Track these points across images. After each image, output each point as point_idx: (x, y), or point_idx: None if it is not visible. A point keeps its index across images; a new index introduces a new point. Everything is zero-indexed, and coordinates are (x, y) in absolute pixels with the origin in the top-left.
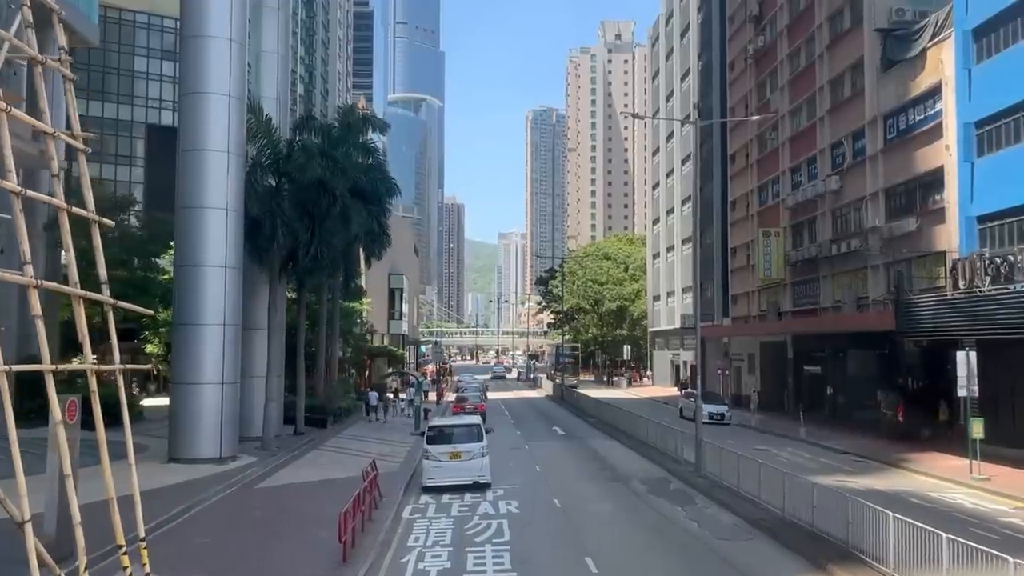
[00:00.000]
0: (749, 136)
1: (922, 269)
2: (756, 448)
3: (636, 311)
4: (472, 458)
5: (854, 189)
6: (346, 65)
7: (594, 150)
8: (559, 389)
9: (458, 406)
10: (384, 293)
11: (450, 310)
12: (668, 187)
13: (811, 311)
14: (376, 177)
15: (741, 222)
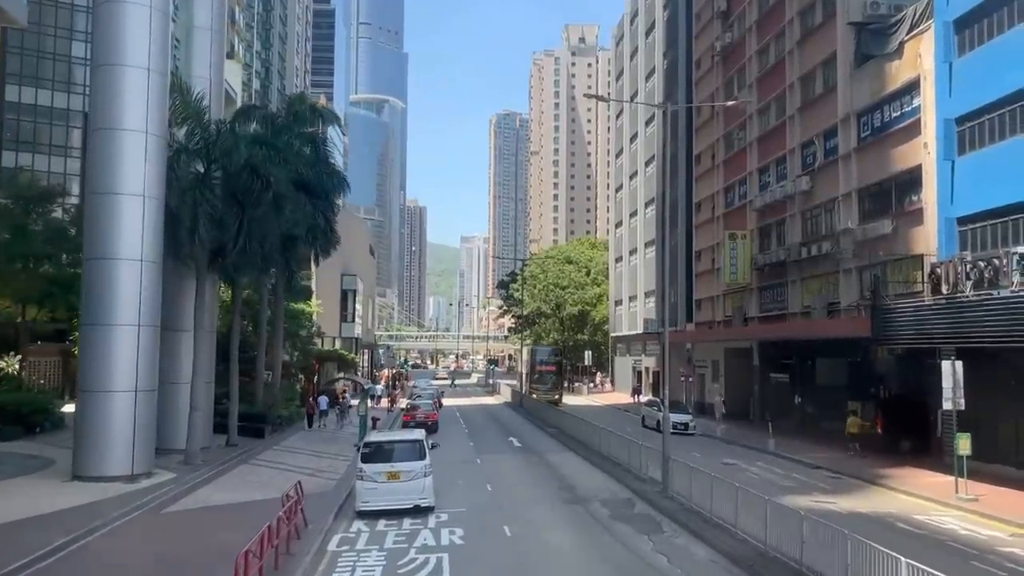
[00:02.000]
0: (715, 136)
1: (898, 273)
2: (724, 462)
3: (598, 316)
4: (413, 478)
5: (825, 190)
6: (304, 62)
7: (557, 153)
8: (518, 396)
9: (408, 415)
10: (336, 294)
11: (411, 314)
12: (632, 189)
13: (779, 317)
14: (323, 170)
15: (706, 225)
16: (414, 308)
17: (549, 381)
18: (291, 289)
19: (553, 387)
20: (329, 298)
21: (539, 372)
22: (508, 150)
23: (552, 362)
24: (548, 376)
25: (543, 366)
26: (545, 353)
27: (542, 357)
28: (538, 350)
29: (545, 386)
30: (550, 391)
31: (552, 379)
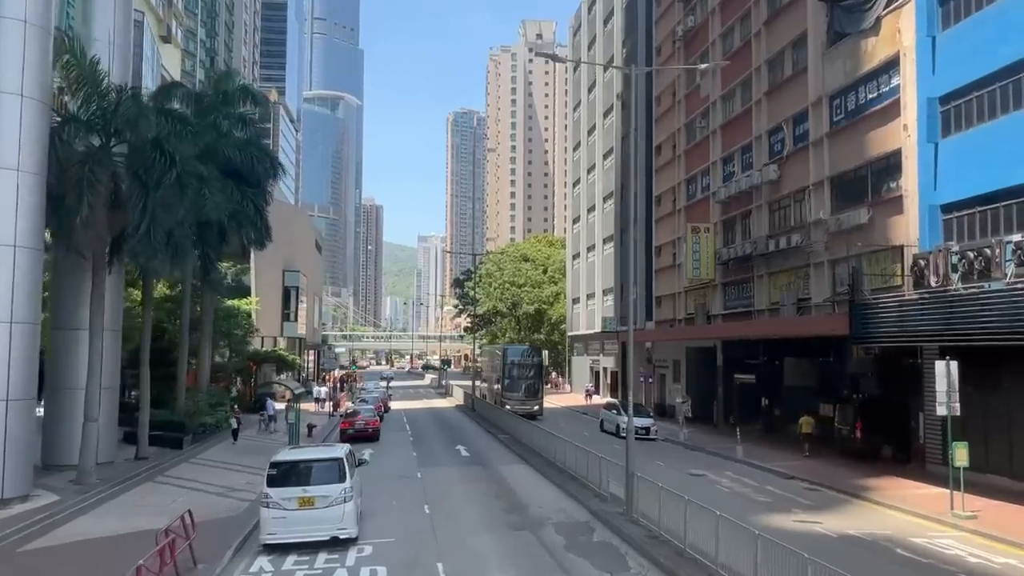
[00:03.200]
0: (677, 125)
1: (875, 266)
2: (691, 473)
3: (555, 315)
4: (330, 504)
5: (795, 179)
6: (253, 53)
7: (514, 150)
8: (470, 399)
9: (346, 422)
10: (277, 291)
11: (367, 314)
12: (589, 183)
13: (744, 314)
14: (254, 154)
15: (667, 219)
16: (370, 308)
17: (526, 388)
18: (209, 283)
19: (531, 395)
20: (270, 295)
21: (512, 377)
22: (465, 148)
23: (530, 364)
24: (525, 382)
25: (518, 369)
26: (519, 353)
27: (515, 358)
28: (510, 349)
29: (519, 395)
30: (527, 401)
31: (530, 386)
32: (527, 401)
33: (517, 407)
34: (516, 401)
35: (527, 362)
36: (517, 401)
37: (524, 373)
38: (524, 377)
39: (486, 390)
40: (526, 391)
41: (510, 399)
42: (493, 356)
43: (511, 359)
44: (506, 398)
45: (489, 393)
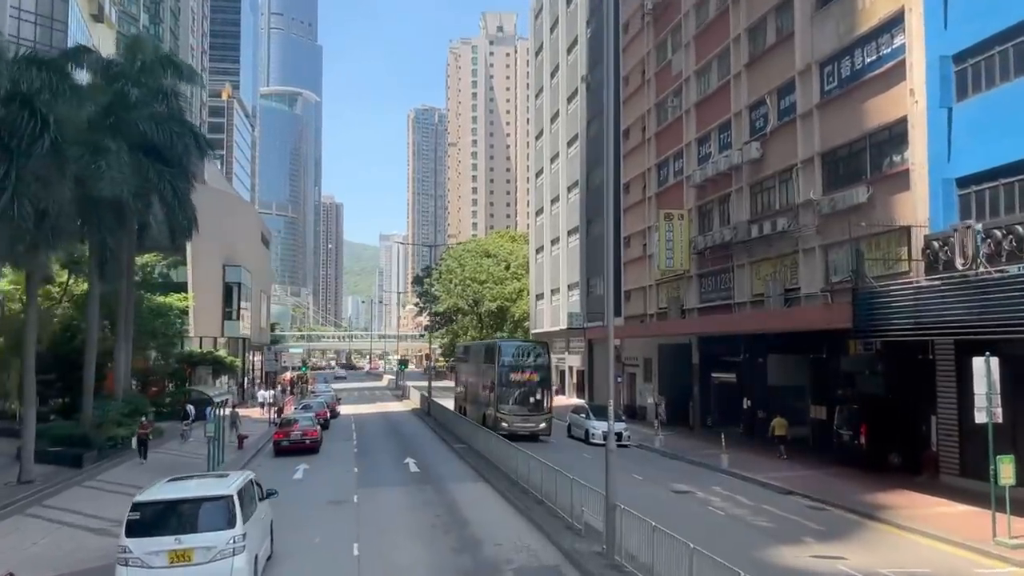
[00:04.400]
0: (647, 106)
1: (875, 250)
2: (675, 489)
3: (518, 312)
4: (214, 559)
5: (780, 157)
6: (202, 41)
7: (475, 145)
8: (426, 402)
9: (281, 432)
10: (217, 288)
11: (328, 314)
12: (553, 173)
13: (723, 307)
14: (173, 129)
15: (636, 207)
16: (331, 308)
17: (528, 399)
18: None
19: (536, 409)
20: (209, 292)
21: (508, 383)
22: (427, 146)
23: (533, 365)
24: (527, 390)
25: (517, 372)
26: (518, 350)
27: (513, 357)
28: (505, 345)
29: (520, 409)
30: (531, 416)
31: (534, 396)
32: (531, 416)
33: (517, 425)
34: (515, 417)
35: (529, 362)
36: (517, 417)
37: (525, 378)
38: (525, 383)
39: (465, 401)
40: (529, 403)
41: (507, 414)
42: (477, 356)
43: (506, 359)
44: (501, 413)
45: (471, 405)
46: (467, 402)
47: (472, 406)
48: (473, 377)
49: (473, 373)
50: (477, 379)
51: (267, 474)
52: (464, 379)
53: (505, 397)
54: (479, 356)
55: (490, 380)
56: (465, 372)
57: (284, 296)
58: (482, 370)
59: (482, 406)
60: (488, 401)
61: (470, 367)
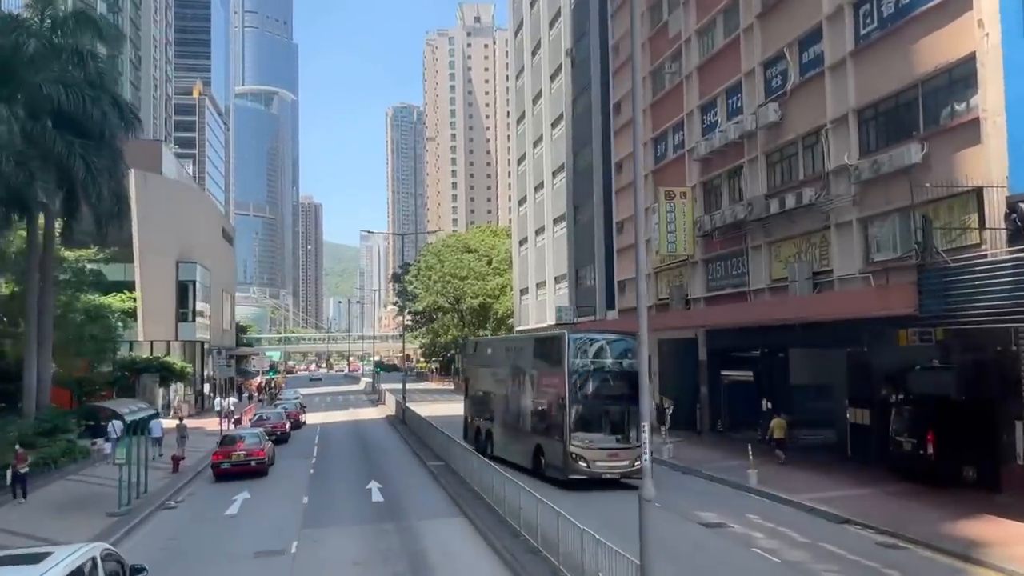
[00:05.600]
0: (641, 75)
1: (934, 219)
2: (704, 521)
3: (501, 309)
4: None
5: (804, 118)
6: (165, 32)
7: (454, 139)
8: (400, 409)
9: (220, 453)
10: (170, 287)
11: (308, 315)
12: (536, 158)
13: (736, 296)
14: (86, 94)
15: (630, 188)
16: (311, 310)
17: (619, 426)
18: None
19: (626, 440)
20: (159, 291)
21: (589, 400)
22: (406, 144)
23: (623, 373)
24: (616, 412)
25: (603, 384)
26: (600, 349)
27: (589, 361)
28: (577, 341)
29: (609, 441)
30: (620, 452)
31: (626, 420)
32: (620, 452)
33: (601, 465)
34: (599, 452)
35: (616, 366)
36: (601, 452)
37: (613, 391)
38: (613, 399)
39: (489, 425)
40: (619, 431)
41: (585, 448)
42: (519, 358)
43: (582, 361)
44: (576, 447)
45: (504, 433)
46: (495, 427)
47: (506, 435)
48: (506, 389)
49: (508, 384)
50: (518, 393)
51: (196, 506)
52: (485, 392)
53: (583, 422)
54: (523, 357)
55: (553, 395)
56: (489, 382)
57: (263, 298)
58: (532, 379)
59: (530, 435)
60: (546, 427)
61: (500, 375)
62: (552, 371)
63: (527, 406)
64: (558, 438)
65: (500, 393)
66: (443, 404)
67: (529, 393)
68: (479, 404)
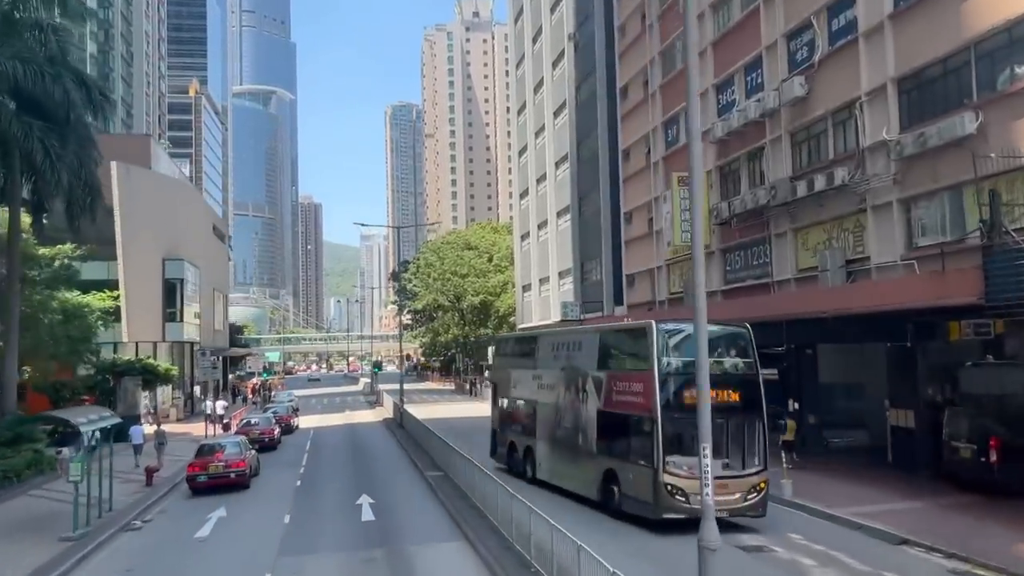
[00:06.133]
0: (649, 56)
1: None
2: (741, 542)
3: (503, 307)
4: None
5: (834, 91)
6: (158, 27)
7: (453, 135)
8: (398, 411)
9: (196, 465)
10: (156, 285)
11: (308, 316)
12: (538, 148)
13: (757, 288)
14: (45, 70)
15: (639, 176)
16: (312, 310)
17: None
18: None
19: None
20: (145, 290)
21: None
22: (405, 143)
23: (737, 376)
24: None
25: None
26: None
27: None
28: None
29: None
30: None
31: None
32: (730, 482)
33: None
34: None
35: (727, 365)
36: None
37: (723, 399)
38: (722, 411)
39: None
40: (733, 451)
41: (685, 479)
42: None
43: (678, 361)
44: (674, 474)
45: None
46: (540, 444)
47: (558, 455)
48: (557, 396)
49: (560, 389)
50: (575, 401)
51: (164, 527)
52: (524, 400)
53: (680, 441)
54: (585, 355)
55: (635, 404)
56: (529, 387)
57: (262, 298)
58: (599, 384)
59: (596, 458)
60: (624, 448)
61: (548, 378)
62: (632, 373)
63: (590, 418)
64: (643, 463)
65: (548, 401)
66: (444, 406)
67: (594, 401)
68: (515, 414)
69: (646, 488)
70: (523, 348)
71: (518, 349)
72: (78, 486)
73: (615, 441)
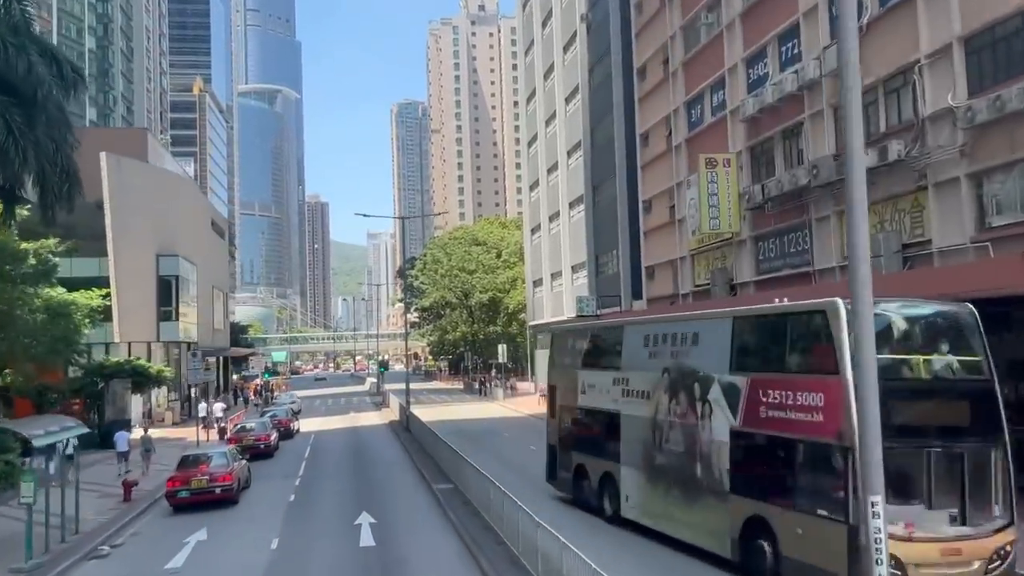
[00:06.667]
0: (669, 32)
1: None
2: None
3: (512, 303)
4: None
5: (887, 56)
6: (159, 23)
7: (460, 131)
8: (404, 414)
9: (176, 479)
10: (149, 283)
11: (316, 315)
12: (549, 137)
13: (796, 277)
14: (8, 42)
15: (658, 161)
16: (320, 310)
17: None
18: None
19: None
20: (137, 288)
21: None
22: (411, 140)
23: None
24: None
25: (923, 406)
26: (909, 337)
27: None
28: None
29: (940, 522)
30: (963, 545)
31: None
32: (963, 545)
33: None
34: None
35: (954, 374)
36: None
37: (947, 417)
38: (947, 433)
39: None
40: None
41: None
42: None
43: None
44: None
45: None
46: (630, 472)
47: (661, 490)
48: (658, 408)
49: (663, 398)
50: (692, 415)
51: (134, 554)
52: (601, 412)
53: (891, 480)
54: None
55: (806, 423)
56: (609, 393)
57: (269, 298)
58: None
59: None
60: (785, 486)
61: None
62: (802, 378)
63: (717, 441)
64: (826, 513)
65: (639, 413)
66: (452, 407)
67: (723, 417)
68: (586, 429)
69: (832, 552)
70: (599, 342)
71: (591, 343)
72: (31, 508)
73: (767, 477)
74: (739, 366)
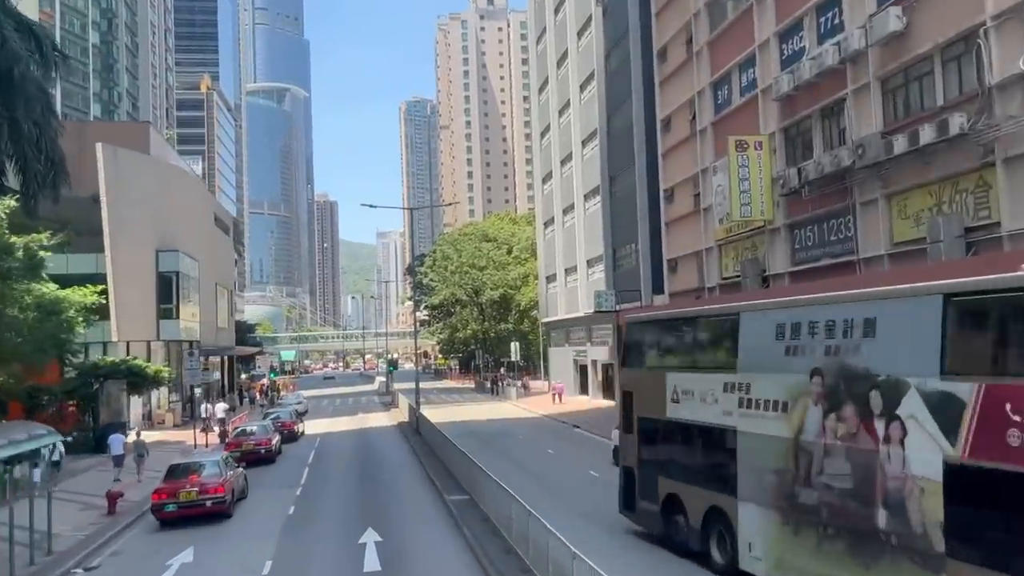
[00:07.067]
0: (693, 9)
1: None
2: None
3: (524, 300)
4: None
5: (944, 20)
6: (164, 19)
7: (469, 126)
8: (414, 415)
9: (164, 491)
10: (149, 279)
11: (325, 314)
12: (563, 127)
13: (838, 268)
14: None
15: (681, 148)
16: (329, 308)
17: None
18: None
19: None
20: (136, 284)
21: None
22: (420, 139)
23: None
24: None
25: None
26: None
27: None
28: None
29: None
30: None
31: None
32: None
33: None
34: None
35: None
36: None
37: None
38: None
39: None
40: None
41: None
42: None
43: None
44: None
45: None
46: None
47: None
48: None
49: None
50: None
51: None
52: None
53: None
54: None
55: None
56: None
57: (279, 297)
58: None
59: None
60: None
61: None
62: None
63: (919, 478)
64: None
65: (769, 432)
66: (464, 407)
67: (929, 443)
68: (681, 449)
69: None
70: (700, 334)
71: (687, 336)
72: None
73: (1016, 538)
74: (960, 366)
